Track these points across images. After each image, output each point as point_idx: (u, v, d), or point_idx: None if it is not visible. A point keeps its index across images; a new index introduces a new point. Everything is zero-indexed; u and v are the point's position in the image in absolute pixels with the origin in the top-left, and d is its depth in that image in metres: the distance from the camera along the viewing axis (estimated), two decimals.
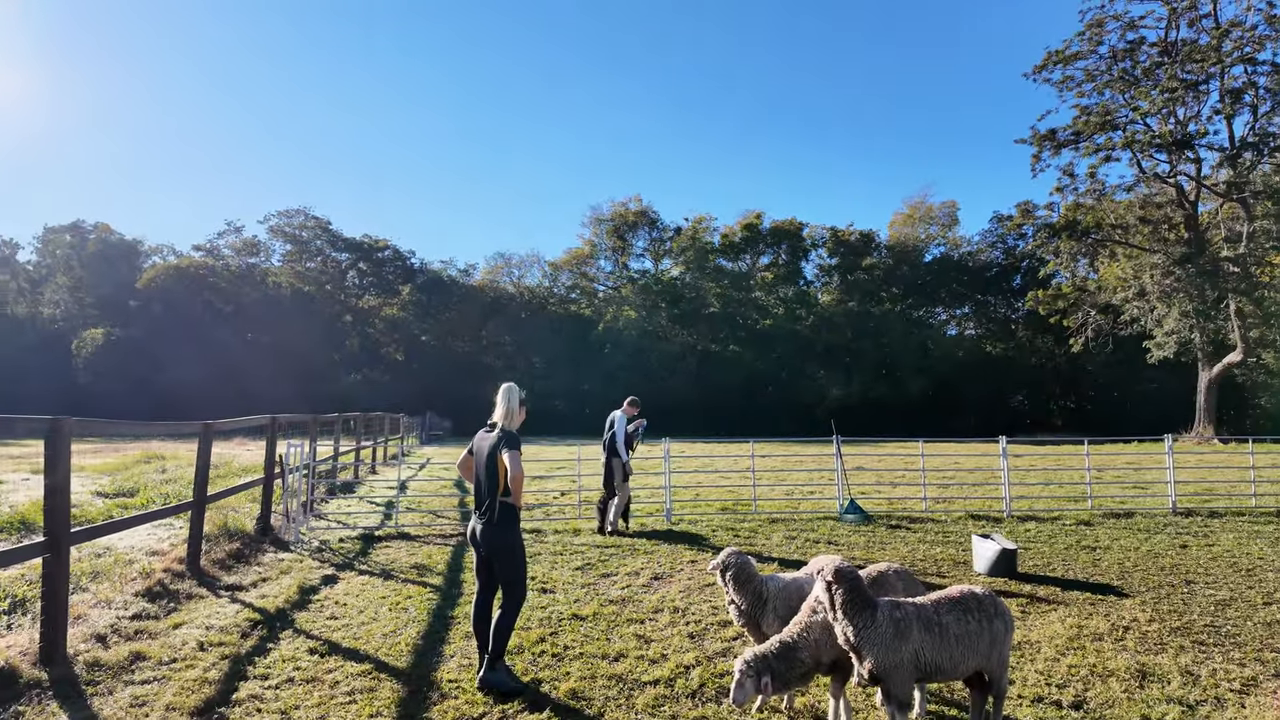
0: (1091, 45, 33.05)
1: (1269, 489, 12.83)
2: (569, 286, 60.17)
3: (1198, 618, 6.02)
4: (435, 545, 9.20)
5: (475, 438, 4.95)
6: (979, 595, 3.85)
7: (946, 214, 56.90)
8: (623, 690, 4.64)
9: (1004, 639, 3.82)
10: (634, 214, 56.99)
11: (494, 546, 4.68)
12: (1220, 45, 30.05)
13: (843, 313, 53.12)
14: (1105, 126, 32.46)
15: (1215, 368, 31.91)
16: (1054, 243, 36.44)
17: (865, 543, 9.25)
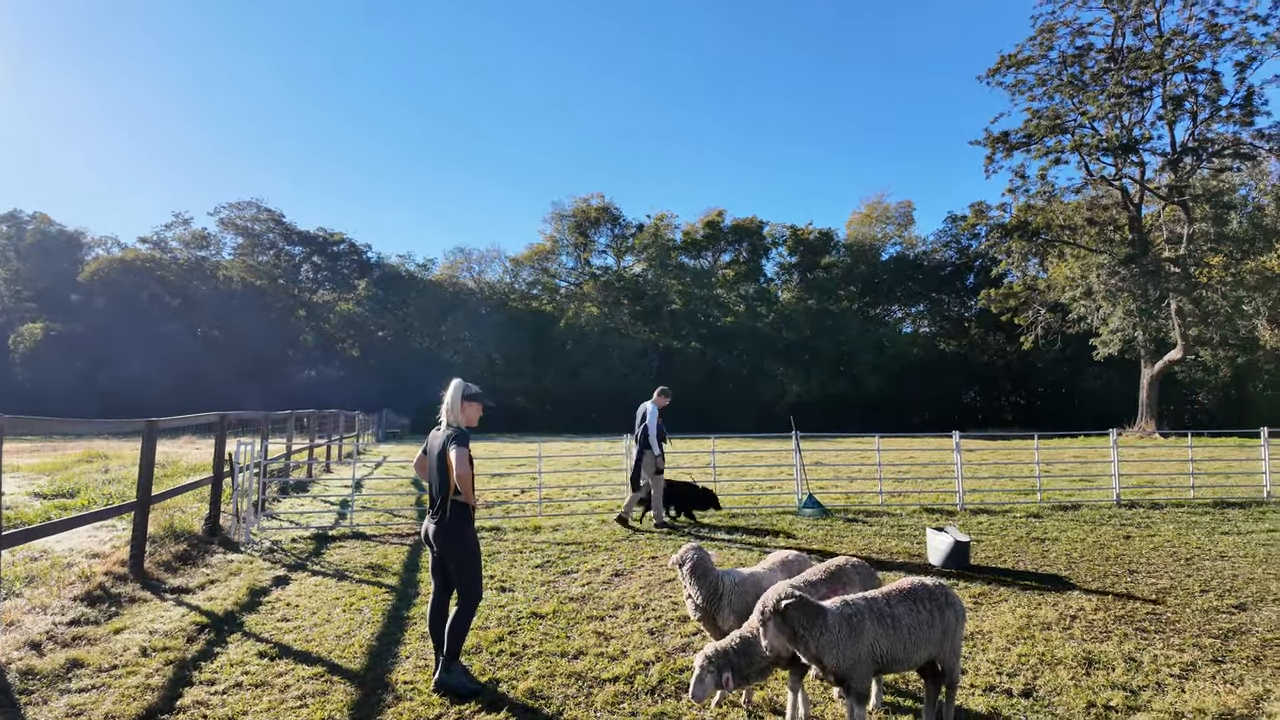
0: (1042, 50, 33.95)
1: (1206, 481, 13.34)
2: (530, 282, 59.73)
3: (1140, 606, 6.22)
4: (391, 545, 9.03)
5: (429, 436, 4.90)
6: (929, 586, 3.89)
7: (903, 214, 57.97)
8: (582, 688, 4.60)
9: (955, 629, 3.87)
10: (596, 210, 56.81)
11: (446, 546, 4.62)
12: (1163, 53, 31.14)
13: (802, 310, 53.76)
14: (1055, 130, 33.39)
15: (1157, 365, 33.10)
16: (1006, 243, 37.38)
17: (823, 536, 9.36)
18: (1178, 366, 35.27)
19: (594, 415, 46.91)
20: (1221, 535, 9.25)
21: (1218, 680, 4.63)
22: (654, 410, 10.04)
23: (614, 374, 49.22)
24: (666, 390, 10.48)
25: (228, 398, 33.09)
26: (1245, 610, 6.10)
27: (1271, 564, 7.72)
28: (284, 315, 52.40)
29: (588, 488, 13.64)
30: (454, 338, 53.99)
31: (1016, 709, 4.25)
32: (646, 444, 9.90)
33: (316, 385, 48.69)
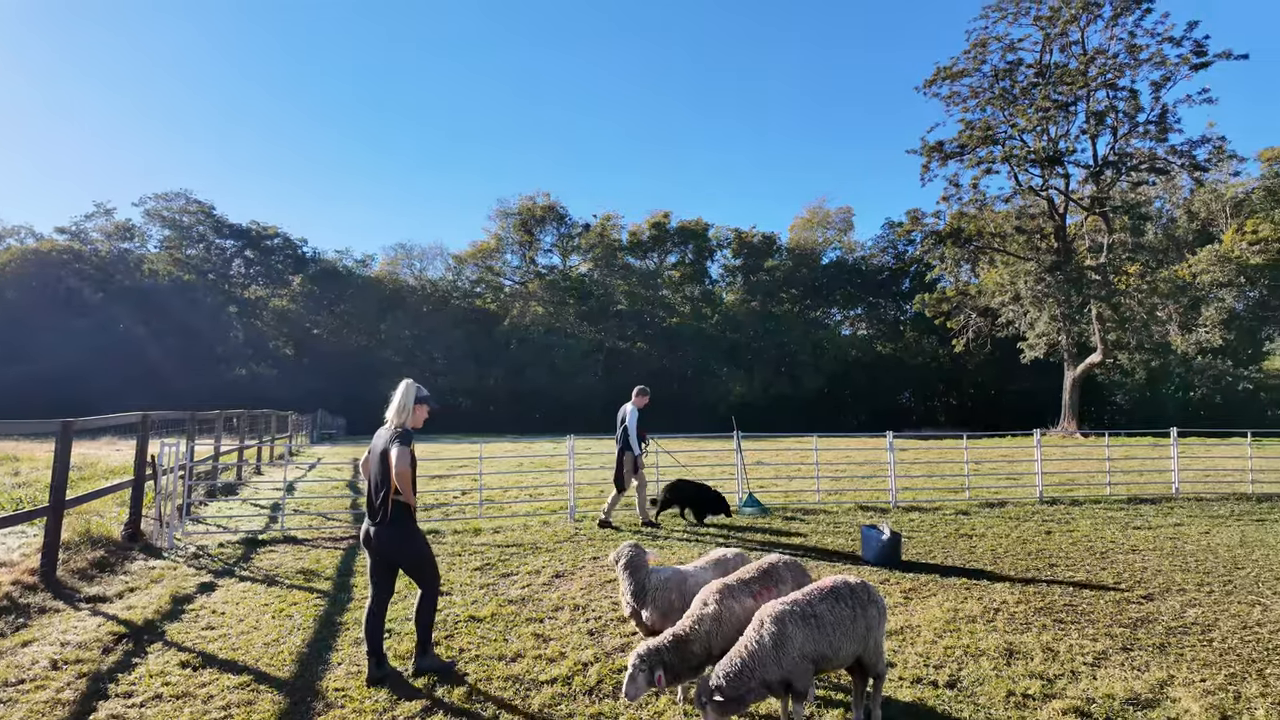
0: (976, 64, 35.25)
1: (1121, 479, 14.06)
2: (474, 280, 58.97)
3: (1058, 598, 6.52)
4: (324, 549, 8.79)
5: (374, 436, 4.87)
6: (851, 584, 3.97)
7: (843, 219, 59.43)
8: (519, 690, 4.57)
9: (878, 625, 3.94)
10: (542, 209, 56.46)
11: (394, 548, 4.67)
12: (1087, 70, 32.70)
13: (746, 312, 54.53)
14: (987, 141, 34.71)
15: (1079, 367, 34.71)
16: (940, 249, 38.67)
17: (762, 534, 9.50)
18: (1098, 369, 37.06)
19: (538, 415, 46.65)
20: (1134, 530, 9.76)
21: (1126, 667, 4.89)
22: (634, 411, 10.08)
23: (559, 374, 49.01)
24: (645, 390, 10.47)
25: (150, 397, 31.70)
26: (1153, 600, 6.45)
27: (1177, 557, 8.18)
28: (214, 311, 50.44)
29: (530, 489, 13.54)
30: (393, 336, 52.88)
31: (941, 699, 4.40)
32: (627, 445, 9.95)
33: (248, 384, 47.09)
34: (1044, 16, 33.60)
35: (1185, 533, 9.56)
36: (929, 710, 4.27)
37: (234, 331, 51.97)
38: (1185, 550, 8.50)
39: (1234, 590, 6.79)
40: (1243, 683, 4.64)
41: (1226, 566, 7.70)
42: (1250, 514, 10.99)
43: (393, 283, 56.22)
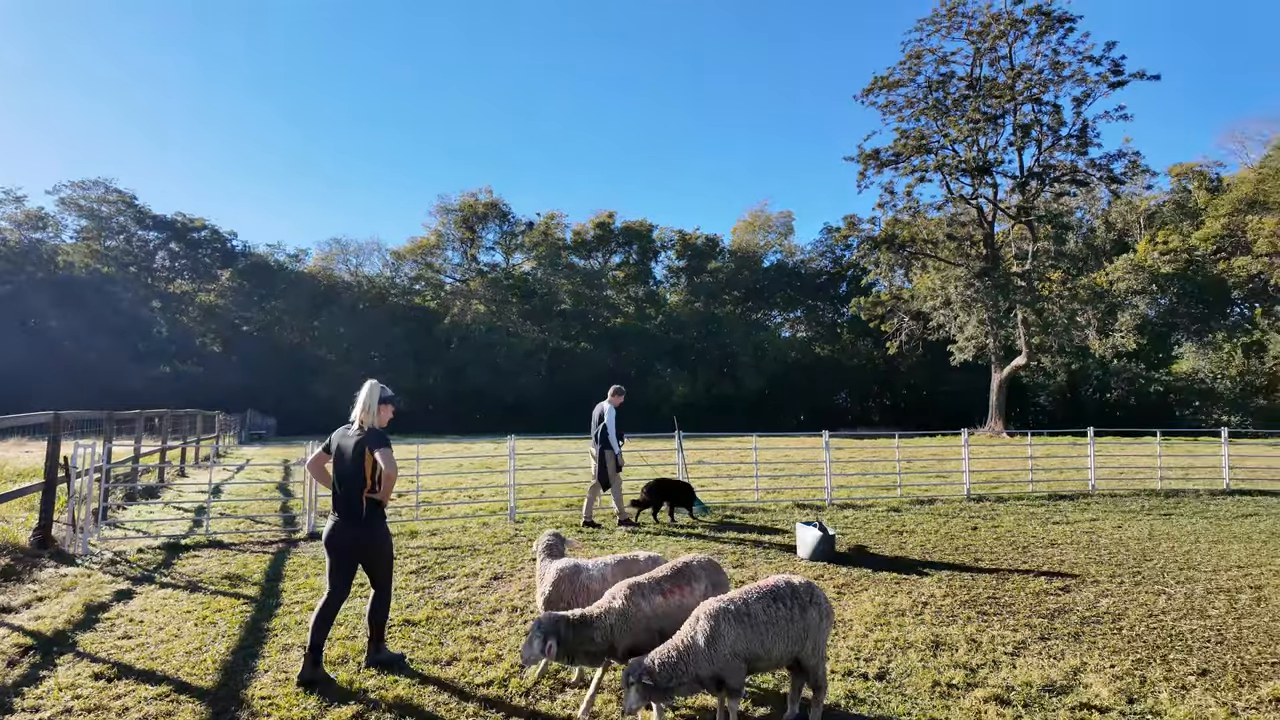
0: (910, 74, 36.35)
1: (1043, 476, 14.73)
2: (413, 277, 57.74)
3: (983, 591, 6.79)
4: (252, 553, 8.49)
5: (335, 436, 4.94)
6: (794, 585, 3.98)
7: (783, 223, 60.43)
8: (454, 694, 4.51)
9: (819, 628, 3.92)
10: (484, 205, 55.67)
11: (366, 545, 4.76)
12: (1014, 85, 34.11)
13: (689, 313, 54.94)
14: (920, 150, 35.84)
15: (1005, 369, 36.16)
16: (875, 254, 39.74)
17: (702, 532, 9.60)
18: (1022, 372, 38.68)
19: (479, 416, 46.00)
20: (1053, 525, 10.23)
21: (1044, 656, 5.13)
22: (611, 410, 10.13)
23: (501, 374, 48.44)
24: (621, 389, 10.54)
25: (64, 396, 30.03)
26: (1069, 592, 6.78)
27: (1092, 550, 8.62)
28: (135, 306, 48.07)
29: (470, 490, 13.36)
30: (328, 333, 51.39)
31: (871, 691, 4.53)
32: (607, 443, 10.00)
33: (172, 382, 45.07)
34: (975, 31, 34.89)
35: (1100, 527, 10.07)
36: (859, 702, 4.39)
37: (157, 327, 49.64)
38: (1099, 544, 8.96)
39: (1142, 581, 7.18)
40: (1148, 667, 4.92)
41: (1136, 559, 8.14)
42: (1159, 509, 11.65)
43: (327, 278, 54.59)
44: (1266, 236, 36.99)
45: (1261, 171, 39.33)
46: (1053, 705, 4.32)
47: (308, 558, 8.21)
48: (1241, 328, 41.23)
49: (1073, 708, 4.28)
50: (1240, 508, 11.76)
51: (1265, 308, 40.35)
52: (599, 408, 10.29)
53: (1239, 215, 39.53)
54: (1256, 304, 41.75)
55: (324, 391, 47.16)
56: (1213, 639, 5.50)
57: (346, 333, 51.00)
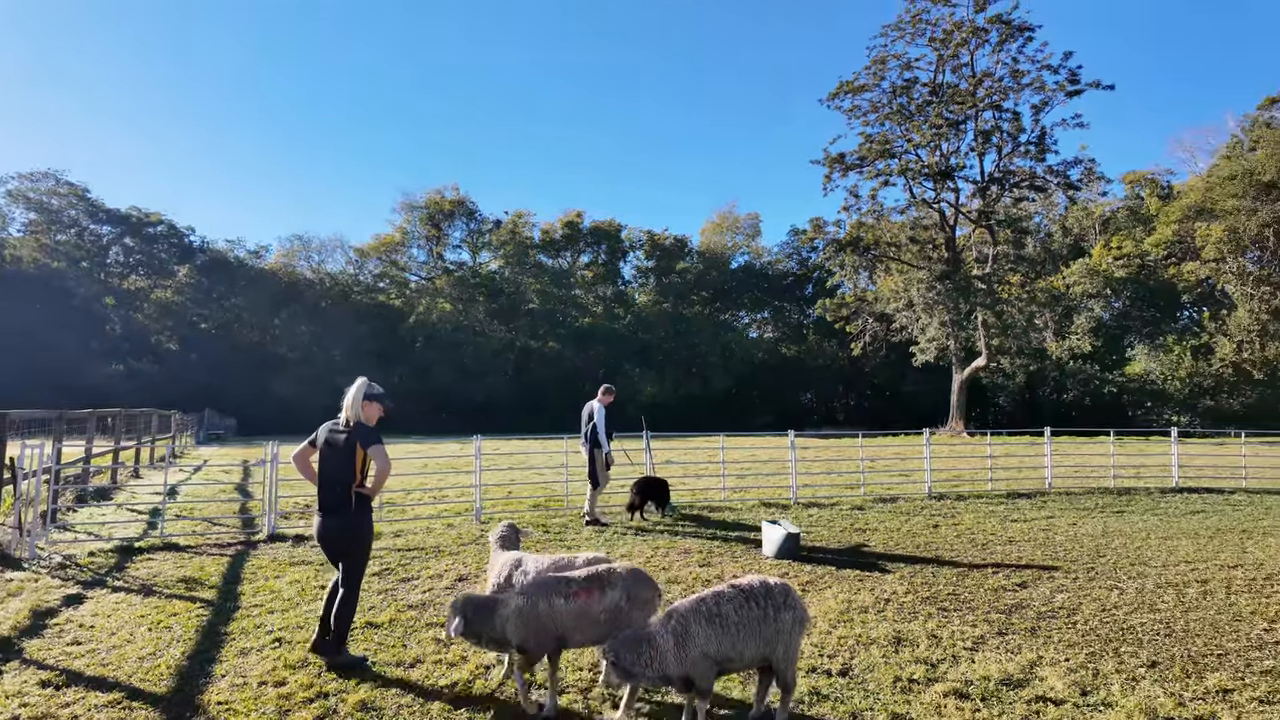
0: (875, 80, 36.91)
1: (1001, 475, 15.05)
2: (377, 275, 56.96)
3: (943, 587, 6.91)
4: (209, 556, 8.29)
5: (321, 430, 5.05)
6: (770, 586, 3.96)
7: (751, 225, 60.95)
8: (417, 697, 4.45)
9: (791, 630, 3.87)
10: (451, 203, 55.12)
11: (352, 535, 4.85)
12: (976, 91, 34.83)
13: (658, 313, 55.07)
14: (885, 154, 36.41)
15: (965, 370, 36.91)
16: (840, 256, 40.30)
17: (669, 532, 9.62)
18: (982, 372, 39.51)
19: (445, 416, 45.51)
20: (1011, 523, 10.46)
21: (1001, 650, 5.24)
22: (601, 409, 10.15)
23: (468, 373, 48.03)
24: (611, 388, 10.59)
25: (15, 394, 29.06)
26: (1026, 588, 6.94)
27: (1049, 546, 8.83)
28: (87, 302, 46.67)
29: (434, 491, 13.22)
30: (289, 331, 50.46)
31: (834, 687, 4.59)
32: (597, 442, 10.02)
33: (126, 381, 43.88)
34: (938, 38, 35.56)
35: (1056, 524, 10.32)
36: (823, 698, 4.44)
37: (111, 324, 48.23)
38: (1055, 540, 9.18)
39: (1096, 576, 7.38)
40: (1101, 660, 5.06)
41: (1090, 555, 8.36)
42: (1111, 506, 11.98)
43: (289, 275, 53.58)
44: (1214, 243, 38.32)
45: (1209, 180, 40.70)
46: (1010, 698, 4.42)
47: (267, 560, 8.04)
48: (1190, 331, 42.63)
49: (1029, 700, 4.38)
50: (1189, 505, 12.14)
51: (1213, 312, 41.76)
52: (589, 406, 10.31)
53: (1188, 222, 40.88)
54: (1204, 308, 43.22)
55: (285, 391, 46.28)
56: (1162, 632, 5.67)
57: (308, 331, 50.14)
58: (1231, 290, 39.55)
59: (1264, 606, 6.29)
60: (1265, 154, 37.56)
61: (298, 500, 12.40)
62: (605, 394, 10.45)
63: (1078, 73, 33.96)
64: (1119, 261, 43.04)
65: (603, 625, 4.19)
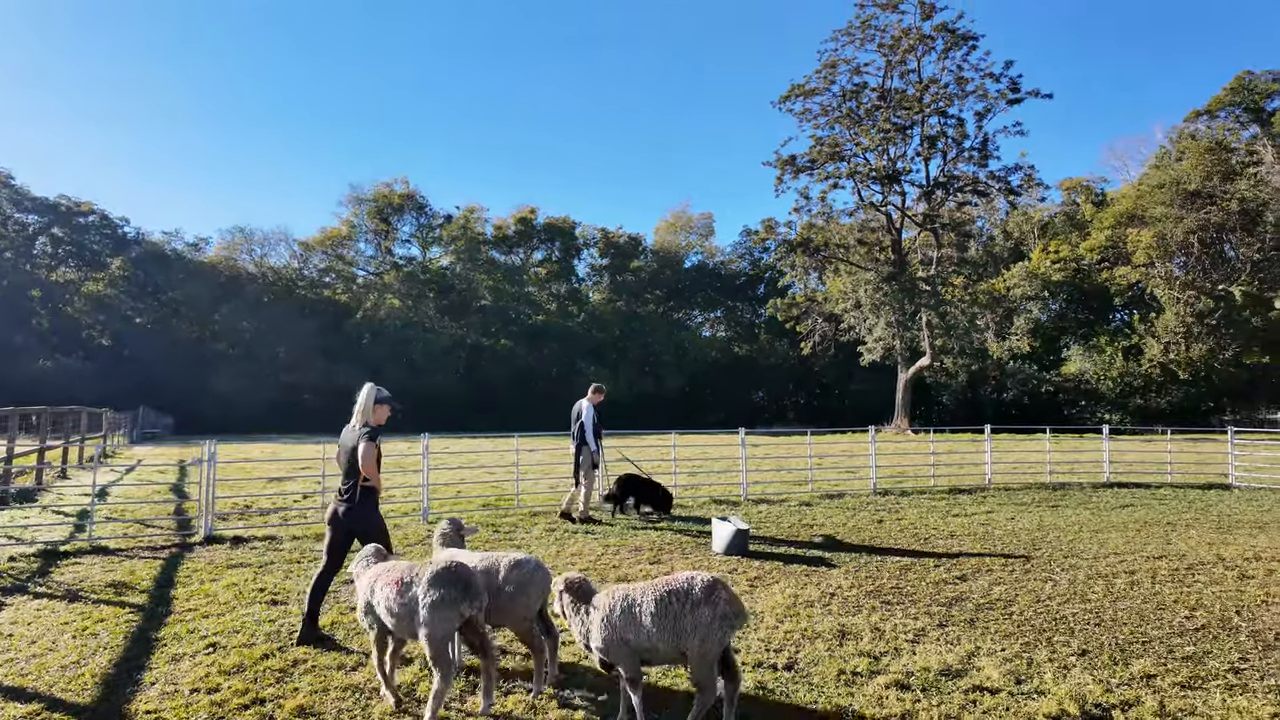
0: (826, 83, 37.54)
1: (944, 471, 15.47)
2: (322, 269, 55.53)
3: (886, 581, 7.06)
4: (142, 559, 7.96)
5: (343, 432, 5.56)
6: (693, 581, 3.84)
7: (704, 225, 61.34)
8: (359, 700, 4.35)
9: (708, 627, 3.73)
10: (400, 196, 54.06)
11: (355, 521, 5.37)
12: (922, 97, 35.71)
13: (612, 311, 55.02)
14: (834, 157, 37.08)
15: (910, 370, 37.84)
16: (791, 257, 40.91)
17: (620, 530, 9.61)
18: (926, 372, 40.56)
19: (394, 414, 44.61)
20: (952, 517, 10.75)
21: (941, 642, 5.38)
22: (589, 408, 10.18)
23: (417, 371, 47.21)
24: (601, 387, 10.60)
25: None
26: (965, 580, 7.14)
27: (987, 540, 9.10)
28: (12, 295, 44.42)
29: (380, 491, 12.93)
30: (230, 327, 48.89)
31: (780, 681, 4.64)
32: (584, 440, 10.05)
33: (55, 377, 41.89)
34: (886, 44, 36.35)
35: (995, 519, 10.65)
36: (769, 692, 4.48)
37: (38, 318, 45.98)
38: (994, 535, 9.47)
39: (1031, 569, 7.64)
40: (1035, 650, 5.23)
41: (1026, 548, 8.65)
42: (1047, 501, 12.42)
43: (230, 269, 51.86)
44: (1144, 249, 40.07)
45: (1139, 188, 42.54)
46: (948, 688, 4.53)
47: (203, 563, 7.77)
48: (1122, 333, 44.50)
49: (966, 690, 4.50)
50: (1119, 499, 12.67)
51: (1142, 314, 43.67)
52: (578, 405, 10.32)
53: (1120, 228, 42.66)
54: (1135, 311, 45.17)
55: (226, 388, 44.83)
56: (1092, 621, 5.89)
57: (250, 326, 48.65)
58: (1160, 294, 41.40)
59: (1186, 595, 6.59)
60: (1190, 164, 39.45)
61: (236, 501, 12.03)
62: (595, 393, 10.47)
63: (1018, 81, 35.17)
64: (1056, 265, 44.66)
65: (404, 616, 4.07)
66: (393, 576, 4.20)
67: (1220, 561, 7.89)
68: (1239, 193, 37.81)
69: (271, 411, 43.30)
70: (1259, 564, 7.78)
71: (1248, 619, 5.92)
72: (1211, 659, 5.05)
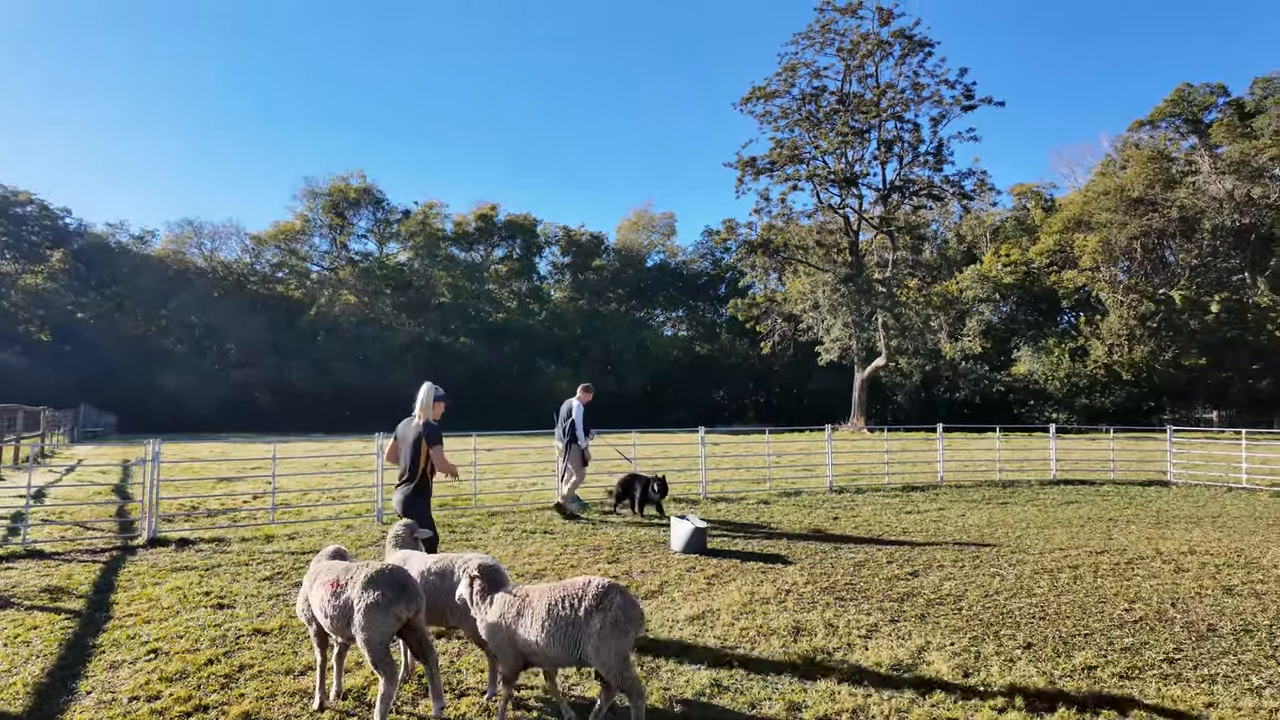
0: (786, 86, 37.92)
1: (898, 469, 15.77)
2: (275, 264, 54.19)
3: (840, 578, 7.17)
4: (80, 563, 7.67)
5: (399, 427, 6.12)
6: (590, 587, 3.75)
7: (666, 224, 61.49)
8: (306, 706, 4.25)
9: (600, 634, 3.61)
10: (356, 190, 52.99)
11: (408, 510, 5.75)
12: (879, 102, 36.32)
13: (574, 310, 54.81)
14: (794, 159, 37.48)
15: (866, 369, 38.49)
16: (751, 258, 41.26)
17: (579, 530, 9.58)
18: (882, 372, 41.29)
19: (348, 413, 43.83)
20: (905, 514, 10.97)
21: (893, 637, 5.47)
22: (580, 406, 10.58)
23: (373, 369, 46.37)
24: (590, 386, 11.03)
25: None
26: (917, 576, 7.28)
27: (939, 536, 9.30)
28: None
29: (333, 491, 12.71)
30: (178, 323, 47.44)
31: (735, 678, 4.67)
32: (574, 438, 10.43)
33: None
34: (845, 49, 36.86)
35: (946, 515, 10.89)
36: (723, 690, 4.51)
37: None
38: (945, 531, 9.68)
39: (981, 564, 7.83)
40: (982, 644, 5.36)
41: (976, 544, 8.86)
42: (997, 498, 12.75)
43: (178, 262, 50.26)
44: (1090, 253, 41.43)
45: (1086, 194, 43.96)
46: (899, 683, 4.61)
47: (146, 566, 7.52)
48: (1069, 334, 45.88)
49: (916, 684, 4.59)
50: (1064, 496, 13.06)
51: (1088, 317, 45.12)
52: (567, 404, 10.66)
53: (1068, 233, 44.04)
54: (1081, 313, 46.64)
55: (173, 385, 43.53)
56: (1037, 615, 6.06)
57: (199, 322, 47.30)
58: (1105, 297, 42.84)
59: (1125, 588, 6.82)
60: (1134, 172, 40.91)
61: (183, 502, 11.68)
62: (584, 392, 10.84)
63: (972, 88, 36.00)
64: (1007, 268, 45.88)
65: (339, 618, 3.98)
66: (329, 577, 4.10)
67: (1158, 555, 8.19)
68: (1179, 200, 39.32)
69: (222, 410, 42.15)
70: (1193, 557, 8.10)
71: (1182, 611, 6.16)
72: (1148, 650, 5.23)
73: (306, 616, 4.30)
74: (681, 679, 4.66)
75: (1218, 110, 41.72)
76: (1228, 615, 6.02)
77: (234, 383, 45.42)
